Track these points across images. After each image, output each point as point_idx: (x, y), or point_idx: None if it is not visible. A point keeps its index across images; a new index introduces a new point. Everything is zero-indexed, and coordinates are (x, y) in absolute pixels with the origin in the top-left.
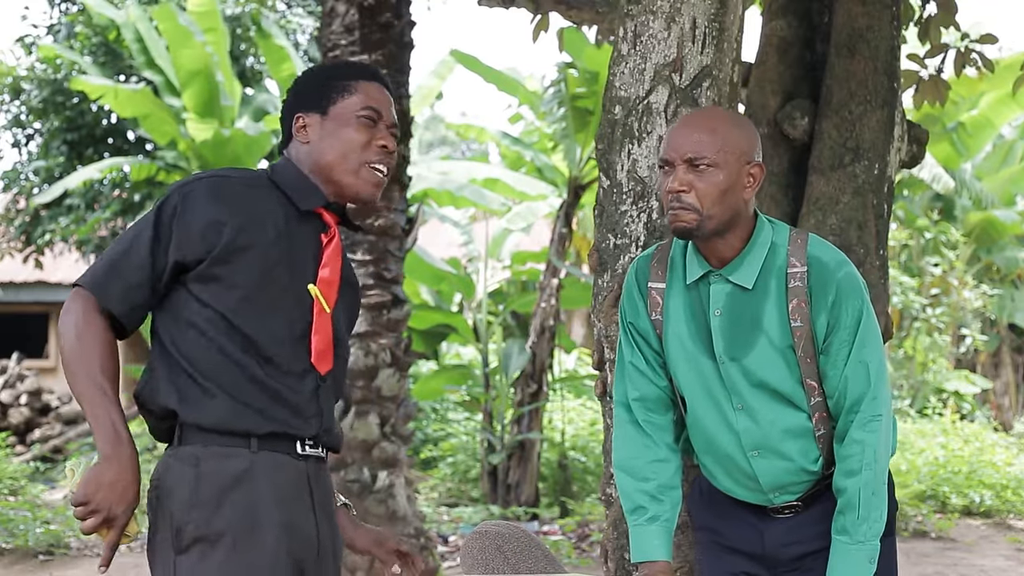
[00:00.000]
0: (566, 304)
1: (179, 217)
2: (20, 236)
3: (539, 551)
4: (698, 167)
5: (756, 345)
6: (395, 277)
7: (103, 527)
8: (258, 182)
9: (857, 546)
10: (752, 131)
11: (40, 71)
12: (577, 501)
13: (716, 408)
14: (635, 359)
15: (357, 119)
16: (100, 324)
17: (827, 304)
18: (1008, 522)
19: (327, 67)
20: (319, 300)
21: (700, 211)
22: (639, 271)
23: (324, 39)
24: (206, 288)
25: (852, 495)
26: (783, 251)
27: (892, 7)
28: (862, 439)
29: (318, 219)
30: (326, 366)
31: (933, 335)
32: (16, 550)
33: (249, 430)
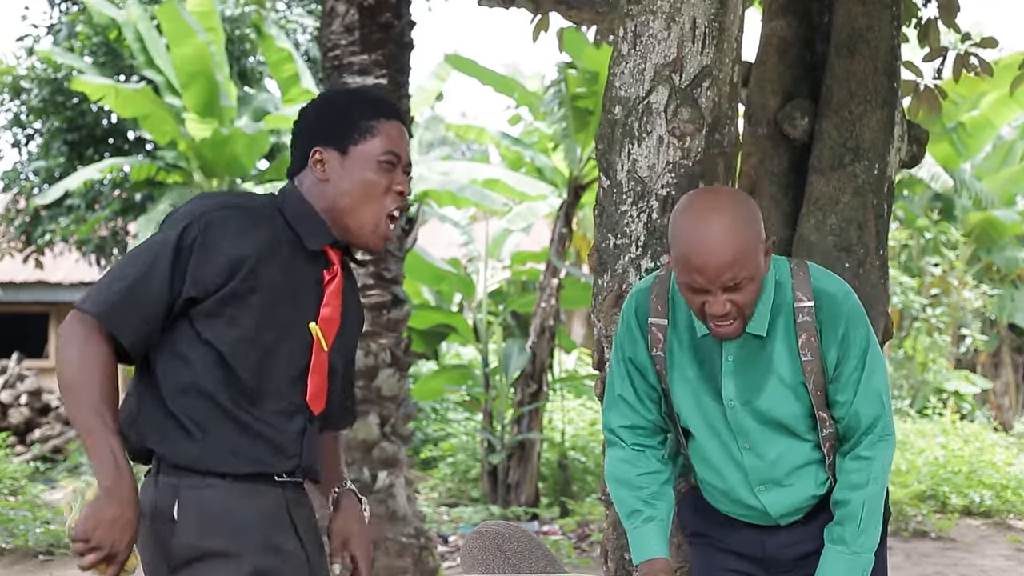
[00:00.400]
0: (566, 304)
1: (199, 250)
2: (20, 236)
3: (539, 551)
4: (737, 288)
5: (767, 386)
6: (395, 277)
7: (103, 564)
8: (266, 212)
9: (853, 557)
10: (756, 211)
11: (40, 71)
12: (577, 501)
13: (722, 446)
14: (625, 392)
15: (378, 164)
16: (105, 352)
17: (837, 337)
18: (1008, 522)
19: (348, 100)
20: (319, 339)
21: (744, 315)
22: (638, 306)
23: (324, 39)
24: (207, 324)
25: (855, 507)
26: (788, 287)
27: (892, 7)
28: (871, 456)
29: (322, 255)
30: (319, 406)
31: (933, 335)
32: (16, 550)
33: (226, 472)
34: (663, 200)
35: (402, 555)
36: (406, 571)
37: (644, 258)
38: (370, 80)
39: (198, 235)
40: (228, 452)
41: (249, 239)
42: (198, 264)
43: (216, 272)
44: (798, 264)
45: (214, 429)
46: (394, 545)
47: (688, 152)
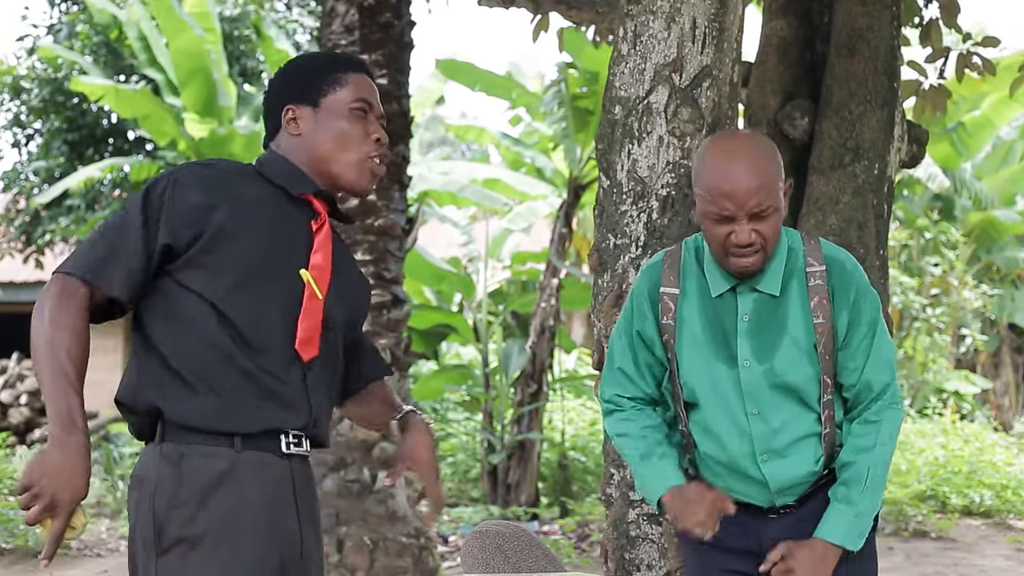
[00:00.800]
0: (566, 304)
1: (168, 201)
2: (20, 236)
3: (539, 551)
4: (762, 216)
5: (781, 347)
6: (395, 277)
7: (46, 515)
8: (246, 171)
9: (856, 516)
10: (777, 151)
11: (40, 71)
12: (577, 501)
13: (728, 413)
14: (625, 364)
15: (350, 111)
16: (76, 312)
17: (848, 301)
18: (1008, 522)
19: (313, 59)
20: (311, 285)
21: (766, 250)
22: (649, 277)
23: (324, 39)
24: (195, 276)
25: (861, 468)
26: (800, 253)
27: (892, 7)
28: (879, 419)
29: (307, 206)
30: (310, 352)
31: (933, 335)
32: (16, 550)
33: (235, 430)
34: (663, 200)
35: (402, 555)
36: (406, 571)
37: (644, 258)
38: None
39: (167, 187)
40: (239, 409)
41: (223, 189)
42: (170, 212)
43: (190, 219)
44: (808, 234)
45: (219, 381)
46: (394, 545)
47: (688, 152)
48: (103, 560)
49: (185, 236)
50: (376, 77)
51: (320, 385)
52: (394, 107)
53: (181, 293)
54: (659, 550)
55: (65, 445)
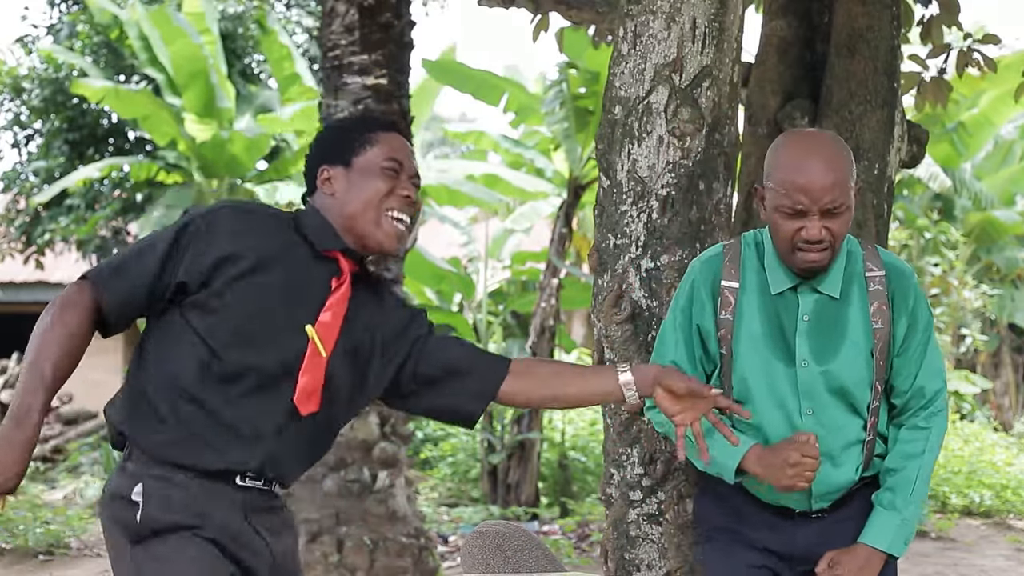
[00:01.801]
0: (566, 304)
1: (197, 241)
2: (20, 236)
3: (539, 550)
4: (834, 213)
5: (841, 350)
6: (395, 277)
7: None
8: (281, 221)
9: (902, 523)
10: (850, 152)
11: (41, 71)
12: (577, 501)
13: (781, 413)
14: (679, 357)
15: (381, 170)
16: (80, 316)
17: (908, 308)
18: (1008, 522)
19: (349, 120)
20: (315, 342)
21: (833, 249)
22: (710, 269)
23: (324, 39)
24: (201, 317)
25: (909, 474)
26: (859, 257)
27: (892, 7)
28: (929, 426)
29: (334, 264)
30: (309, 408)
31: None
32: (16, 550)
33: (190, 465)
34: (663, 200)
35: (402, 555)
36: (406, 571)
37: (644, 258)
38: (370, 80)
39: (201, 225)
40: (197, 446)
41: (248, 238)
42: (195, 253)
43: (209, 262)
44: (865, 241)
45: (187, 419)
46: (394, 545)
47: (688, 152)
48: (103, 560)
49: (200, 278)
50: (377, 78)
51: (302, 438)
52: (394, 107)
53: (184, 329)
54: (659, 550)
55: (10, 437)
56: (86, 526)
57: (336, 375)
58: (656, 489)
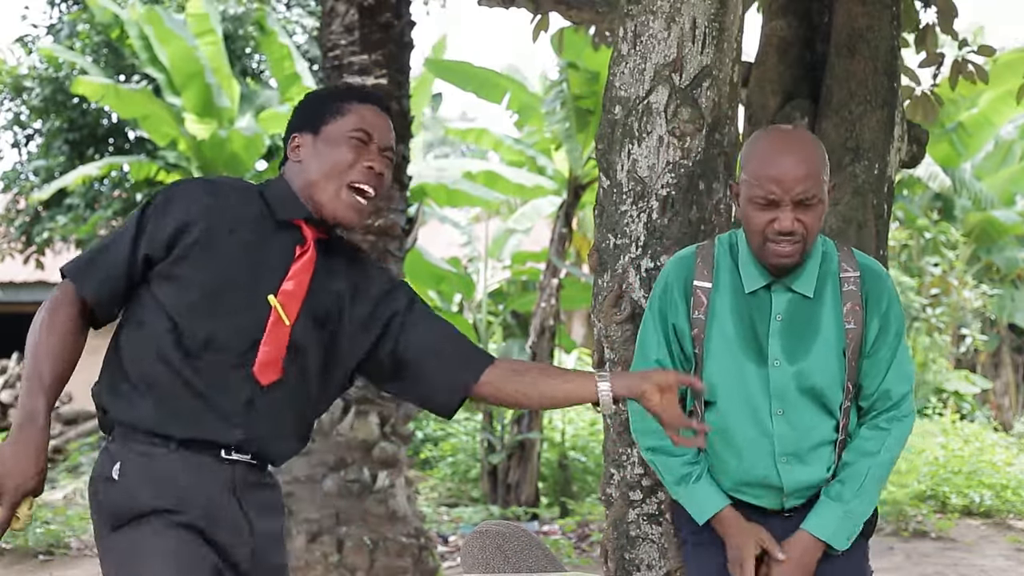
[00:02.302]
0: (566, 304)
1: (157, 214)
2: (20, 236)
3: (539, 551)
4: (807, 204)
5: (813, 349)
6: None
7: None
8: (246, 191)
9: (844, 515)
10: (823, 148)
11: (41, 70)
12: (577, 501)
13: (751, 413)
14: (661, 357)
15: (348, 139)
16: (68, 315)
17: (880, 310)
18: (1008, 522)
19: (327, 90)
20: (277, 310)
21: (806, 242)
22: (682, 269)
23: (324, 39)
24: (164, 287)
25: (861, 470)
26: (834, 258)
27: (892, 7)
28: (889, 428)
29: (298, 231)
30: (268, 377)
31: (933, 335)
32: (16, 550)
33: (170, 434)
34: (663, 200)
35: (402, 555)
36: (406, 571)
37: (644, 258)
38: (370, 80)
39: (160, 199)
40: (173, 413)
41: (207, 206)
42: (155, 224)
43: (168, 231)
44: (842, 243)
45: (161, 388)
46: (394, 545)
47: (688, 152)
48: None
49: (161, 248)
50: (377, 78)
51: (277, 410)
52: (394, 107)
53: (150, 304)
54: (659, 550)
55: (19, 441)
56: (86, 526)
57: (301, 344)
58: (656, 489)
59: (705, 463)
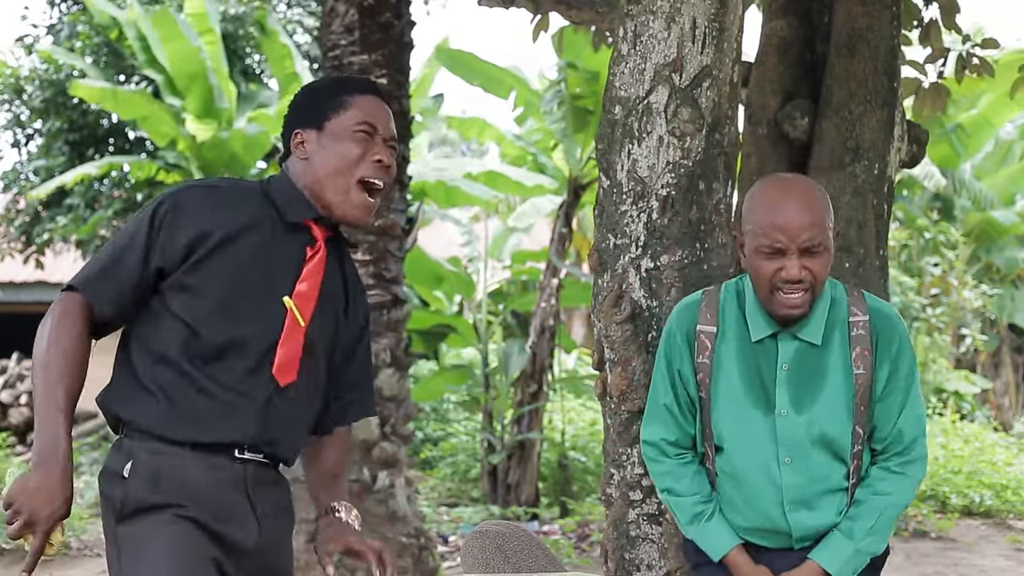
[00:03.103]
0: (566, 304)
1: (168, 224)
2: (20, 236)
3: (539, 550)
4: (813, 252)
5: (820, 397)
6: (395, 277)
7: (26, 531)
8: (249, 193)
9: (855, 553)
10: (826, 195)
11: (42, 71)
12: (577, 501)
13: (759, 460)
14: (669, 402)
15: (353, 133)
16: (77, 330)
17: (891, 354)
18: (1008, 522)
19: (324, 82)
20: (293, 312)
21: (813, 291)
22: (686, 315)
23: (324, 39)
24: (179, 297)
25: (873, 508)
26: (843, 303)
27: (892, 7)
28: (903, 472)
29: (306, 232)
30: (287, 378)
31: (933, 335)
32: (16, 550)
33: (185, 440)
34: (663, 200)
35: (402, 555)
36: (406, 571)
37: (644, 258)
38: None
39: (169, 210)
40: (190, 419)
41: (217, 214)
42: (168, 237)
43: (182, 243)
44: (853, 286)
45: (178, 395)
46: (394, 545)
47: (688, 152)
48: (103, 560)
49: (176, 260)
50: (377, 78)
51: (291, 409)
52: (394, 107)
53: (164, 314)
54: (659, 550)
55: (44, 468)
56: (86, 526)
57: (316, 344)
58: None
59: (717, 502)
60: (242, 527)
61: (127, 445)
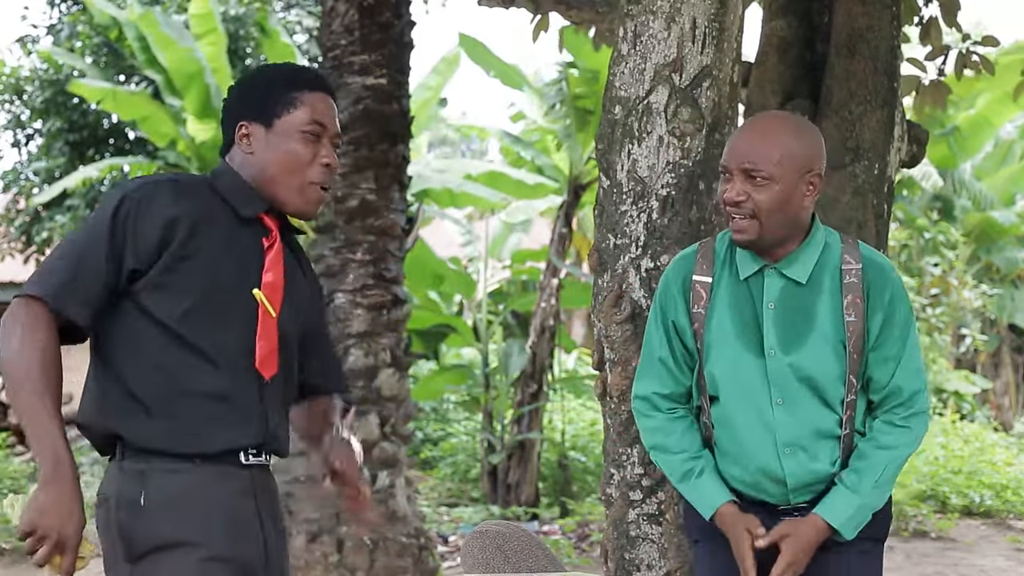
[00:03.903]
0: (566, 304)
1: (134, 223)
2: (20, 236)
3: (539, 550)
4: (755, 178)
5: (808, 339)
6: (395, 277)
7: (55, 553)
8: (200, 186)
9: (859, 507)
10: (814, 139)
11: (42, 72)
12: (577, 501)
13: (752, 404)
14: (664, 355)
15: (302, 134)
16: (48, 337)
17: (883, 302)
18: (1008, 522)
19: (271, 73)
20: (264, 304)
21: (759, 220)
22: (682, 266)
23: (324, 39)
24: (154, 299)
25: (878, 462)
26: (837, 250)
27: (892, 7)
28: (907, 425)
29: (259, 224)
30: (270, 371)
31: (933, 335)
32: (16, 550)
33: (193, 452)
34: (663, 200)
35: (402, 555)
36: (406, 571)
37: (644, 258)
38: (370, 80)
39: (131, 208)
40: (194, 431)
41: (180, 206)
42: (135, 236)
43: (152, 239)
44: (850, 236)
45: (178, 407)
46: (394, 545)
47: (688, 152)
48: (100, 560)
49: (149, 257)
50: (377, 78)
51: (277, 400)
52: (394, 107)
53: (140, 318)
54: (659, 550)
55: (56, 481)
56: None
57: (288, 332)
58: (656, 489)
59: (709, 459)
60: (254, 541)
61: (133, 467)
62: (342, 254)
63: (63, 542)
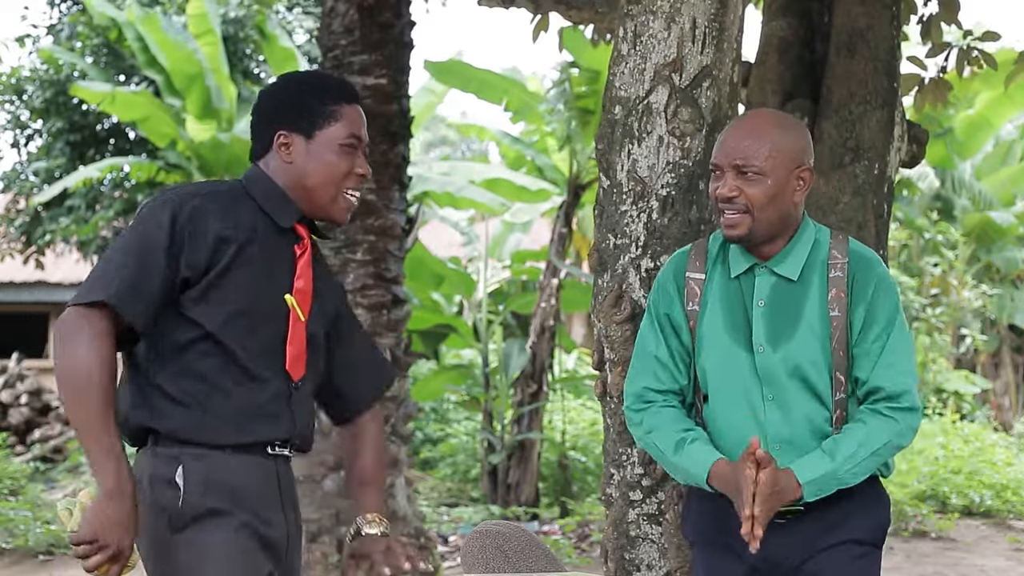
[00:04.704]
0: (566, 304)
1: (191, 234)
2: (20, 236)
3: (540, 550)
4: (746, 174)
5: (796, 334)
6: (395, 277)
7: (112, 563)
8: (239, 196)
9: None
10: (802, 134)
11: (42, 71)
12: (577, 501)
13: (744, 400)
14: (660, 352)
15: (341, 147)
16: (111, 350)
17: (866, 297)
18: (1008, 522)
19: (311, 85)
20: (295, 310)
21: (752, 215)
22: (676, 263)
23: (324, 39)
24: (198, 307)
25: (855, 437)
26: (826, 246)
27: (892, 7)
28: (891, 416)
29: (292, 232)
30: (299, 372)
31: (933, 335)
32: (16, 550)
33: (224, 444)
34: (663, 200)
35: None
36: (406, 571)
37: (644, 258)
38: (370, 80)
39: (185, 220)
40: (227, 425)
41: (230, 220)
42: (191, 249)
43: (203, 254)
44: (840, 232)
45: (212, 405)
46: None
47: (688, 152)
48: None
49: (200, 269)
50: (377, 78)
51: (304, 400)
52: (394, 107)
53: (181, 323)
54: (659, 550)
55: (119, 495)
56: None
57: (316, 336)
58: (656, 489)
59: (701, 432)
60: (279, 527)
61: (167, 452)
62: (342, 254)
63: (121, 554)
